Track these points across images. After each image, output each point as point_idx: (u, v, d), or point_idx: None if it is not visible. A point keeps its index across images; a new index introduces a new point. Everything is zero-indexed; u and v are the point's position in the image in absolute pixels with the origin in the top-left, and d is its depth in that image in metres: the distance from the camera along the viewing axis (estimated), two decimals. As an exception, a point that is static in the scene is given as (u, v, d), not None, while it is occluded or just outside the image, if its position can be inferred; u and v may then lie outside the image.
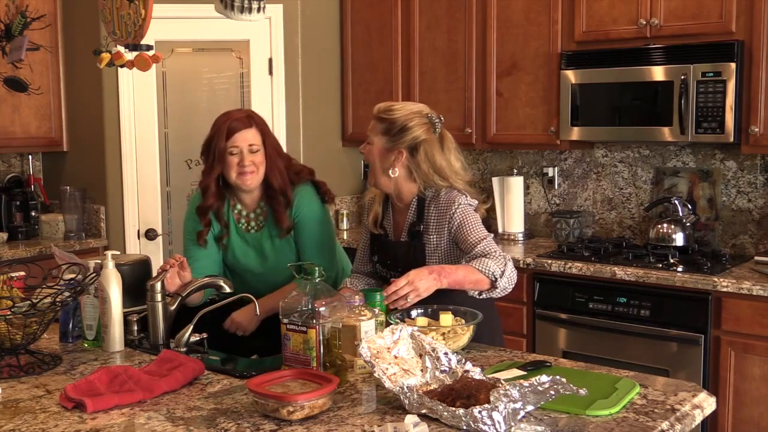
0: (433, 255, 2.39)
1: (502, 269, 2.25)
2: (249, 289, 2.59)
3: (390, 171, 2.39)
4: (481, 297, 2.30)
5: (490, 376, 1.77)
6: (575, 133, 3.80)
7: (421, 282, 2.14)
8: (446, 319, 2.16)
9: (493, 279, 2.25)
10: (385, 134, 2.38)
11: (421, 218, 2.41)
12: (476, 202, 2.43)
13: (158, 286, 2.31)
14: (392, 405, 1.76)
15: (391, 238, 2.51)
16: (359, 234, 4.40)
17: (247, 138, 2.59)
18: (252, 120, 2.64)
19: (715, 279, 3.20)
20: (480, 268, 2.24)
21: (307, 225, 2.67)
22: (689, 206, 3.80)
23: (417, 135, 2.36)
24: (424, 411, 1.67)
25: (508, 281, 2.28)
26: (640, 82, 3.58)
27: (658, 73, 3.52)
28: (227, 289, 2.40)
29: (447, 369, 1.83)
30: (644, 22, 3.58)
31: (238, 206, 2.72)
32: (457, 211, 2.36)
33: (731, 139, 3.39)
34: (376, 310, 2.13)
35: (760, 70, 3.34)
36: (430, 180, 2.40)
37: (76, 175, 4.56)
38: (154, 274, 2.46)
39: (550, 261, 3.62)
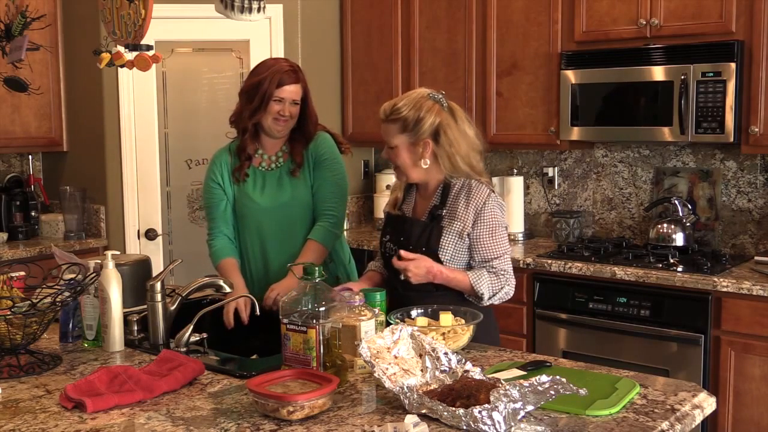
0: (446, 240, 2.40)
1: (493, 291, 2.38)
2: (261, 232, 2.84)
3: (421, 162, 2.42)
4: (469, 299, 2.42)
5: (490, 376, 1.77)
6: (575, 133, 3.80)
7: (419, 270, 2.31)
8: (446, 319, 2.16)
9: (479, 296, 2.37)
10: (404, 131, 2.39)
11: (444, 203, 2.44)
12: (503, 203, 2.48)
13: (158, 286, 2.30)
14: (392, 405, 1.77)
15: (410, 216, 2.54)
16: (359, 234, 4.43)
17: (293, 92, 2.78)
18: (298, 76, 2.81)
19: (715, 279, 3.20)
20: (473, 283, 2.36)
21: (326, 163, 2.86)
22: (689, 206, 3.80)
23: (433, 120, 2.38)
24: (424, 411, 1.67)
25: (497, 300, 2.41)
26: (640, 82, 3.58)
27: (658, 73, 3.52)
28: (227, 289, 2.42)
29: (447, 369, 1.83)
30: (644, 22, 3.57)
31: (260, 150, 2.90)
32: (492, 211, 2.40)
33: (731, 139, 3.39)
34: (376, 310, 2.13)
35: (760, 70, 3.34)
36: (453, 161, 2.41)
37: (76, 175, 4.56)
38: (154, 274, 2.46)
39: (550, 261, 3.62)
